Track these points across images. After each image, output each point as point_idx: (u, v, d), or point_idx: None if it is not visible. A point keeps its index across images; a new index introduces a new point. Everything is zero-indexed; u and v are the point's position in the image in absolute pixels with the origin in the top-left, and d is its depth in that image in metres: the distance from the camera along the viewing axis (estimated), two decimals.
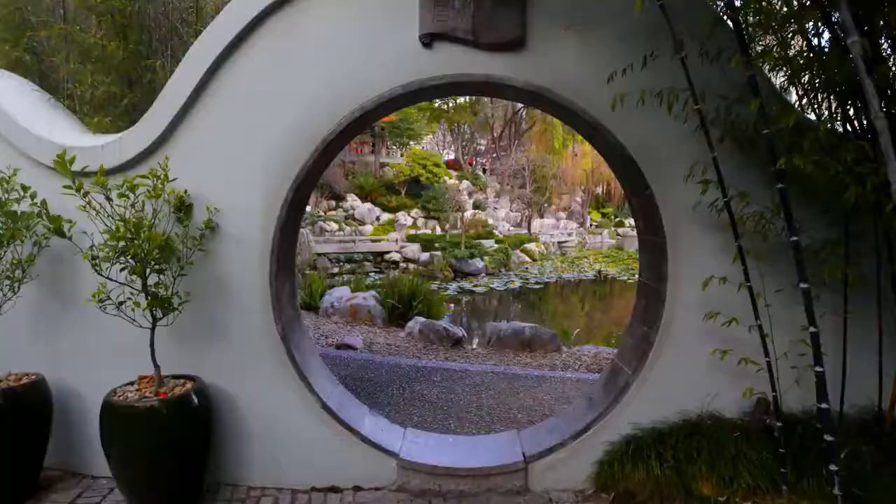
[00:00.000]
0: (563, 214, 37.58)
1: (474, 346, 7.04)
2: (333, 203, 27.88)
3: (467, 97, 40.81)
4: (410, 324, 7.57)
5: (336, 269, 20.25)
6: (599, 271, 21.92)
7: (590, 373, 5.93)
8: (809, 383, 2.71)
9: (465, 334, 7.35)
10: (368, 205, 27.92)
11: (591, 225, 37.78)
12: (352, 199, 28.22)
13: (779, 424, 2.61)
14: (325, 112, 3.00)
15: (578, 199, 38.74)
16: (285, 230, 3.07)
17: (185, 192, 3.06)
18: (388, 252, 21.66)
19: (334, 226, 24.43)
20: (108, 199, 2.65)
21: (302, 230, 20.81)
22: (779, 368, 2.71)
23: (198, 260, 3.05)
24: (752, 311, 2.70)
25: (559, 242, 30.72)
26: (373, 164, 33.28)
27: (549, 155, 34.60)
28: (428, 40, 2.93)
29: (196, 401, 2.88)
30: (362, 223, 26.41)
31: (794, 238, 2.30)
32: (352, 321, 8.29)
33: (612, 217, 40.14)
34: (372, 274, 19.62)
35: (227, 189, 3.07)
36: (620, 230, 38.60)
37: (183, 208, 3.05)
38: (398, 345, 7.00)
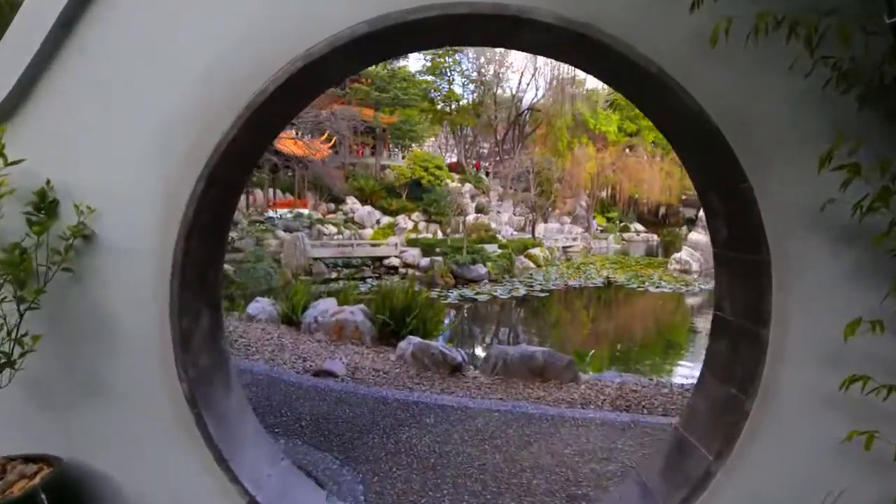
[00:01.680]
0: (567, 219, 36.59)
1: (476, 374, 5.99)
2: (333, 206, 27.20)
3: (468, 97, 40.08)
4: (402, 344, 6.54)
5: (334, 275, 19.29)
6: (607, 278, 20.91)
7: (616, 411, 4.89)
8: None
9: (465, 359, 6.32)
10: (368, 208, 27.31)
11: (596, 229, 36.73)
12: (351, 202, 27.61)
13: None
14: (252, 61, 1.98)
15: (583, 203, 37.67)
16: (193, 238, 2.05)
17: (48, 183, 2.06)
18: (387, 257, 20.74)
19: (332, 229, 23.56)
20: None
21: (298, 233, 19.88)
22: None
23: (62, 284, 2.04)
24: None
25: (564, 247, 29.78)
26: (373, 167, 32.52)
27: (553, 158, 33.63)
28: None
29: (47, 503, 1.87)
30: (362, 226, 25.74)
31: None
32: (337, 339, 7.26)
33: (618, 222, 39.10)
34: (369, 280, 18.63)
35: (108, 178, 2.06)
36: (626, 235, 37.55)
37: (44, 207, 2.05)
38: (387, 370, 5.97)
